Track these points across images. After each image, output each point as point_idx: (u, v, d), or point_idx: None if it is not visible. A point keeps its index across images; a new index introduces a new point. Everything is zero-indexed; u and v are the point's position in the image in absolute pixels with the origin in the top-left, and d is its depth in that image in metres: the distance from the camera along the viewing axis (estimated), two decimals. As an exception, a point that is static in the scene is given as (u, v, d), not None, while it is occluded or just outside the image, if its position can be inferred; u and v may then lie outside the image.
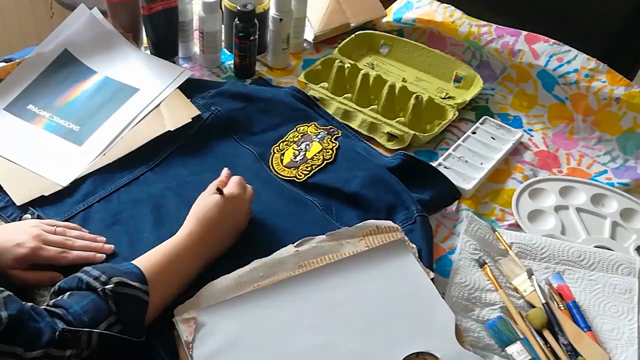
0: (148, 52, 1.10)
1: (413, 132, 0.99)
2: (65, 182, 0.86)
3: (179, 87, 1.01)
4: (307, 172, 0.91)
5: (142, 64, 1.05)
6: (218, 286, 0.71)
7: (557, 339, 0.73)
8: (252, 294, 0.71)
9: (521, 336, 0.73)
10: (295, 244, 0.76)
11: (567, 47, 1.07)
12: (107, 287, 0.62)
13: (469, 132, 1.02)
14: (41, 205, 0.83)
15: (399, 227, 0.79)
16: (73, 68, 1.03)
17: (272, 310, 0.70)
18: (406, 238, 0.78)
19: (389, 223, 0.79)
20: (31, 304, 0.59)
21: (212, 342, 0.67)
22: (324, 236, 0.76)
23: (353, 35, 1.18)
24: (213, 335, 0.67)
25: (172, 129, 0.94)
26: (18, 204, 0.82)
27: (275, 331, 0.69)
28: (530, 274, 0.79)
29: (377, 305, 0.72)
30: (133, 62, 1.05)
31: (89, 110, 0.97)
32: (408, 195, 0.85)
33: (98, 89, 1.01)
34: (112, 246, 0.77)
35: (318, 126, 0.97)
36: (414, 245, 0.78)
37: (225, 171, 0.83)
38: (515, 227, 0.89)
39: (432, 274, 0.76)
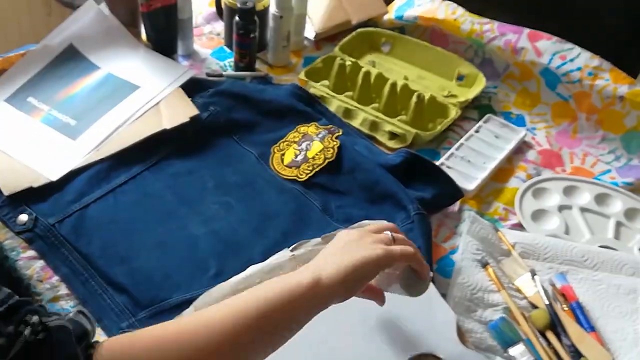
0: (148, 50, 1.09)
1: (415, 130, 0.98)
2: (55, 176, 0.86)
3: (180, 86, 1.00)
4: (308, 172, 0.90)
5: (146, 62, 1.04)
6: (215, 295, 0.70)
7: (560, 340, 0.72)
8: None
9: (524, 337, 0.72)
10: (290, 248, 0.75)
11: (570, 45, 1.06)
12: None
13: (472, 131, 1.01)
14: (37, 204, 0.83)
15: None
16: (77, 63, 1.03)
17: None
18: None
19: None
20: None
21: None
22: (319, 239, 0.76)
23: (354, 33, 1.17)
24: None
25: (168, 128, 0.93)
26: (6, 194, 0.82)
27: None
28: (533, 274, 0.79)
29: (377, 308, 0.71)
30: (137, 60, 1.05)
31: (88, 106, 0.97)
32: (406, 194, 0.85)
33: (99, 84, 1.00)
34: None
35: (318, 126, 0.96)
36: None
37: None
38: (519, 226, 0.89)
39: (430, 274, 0.75)
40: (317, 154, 0.92)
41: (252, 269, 0.73)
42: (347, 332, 0.69)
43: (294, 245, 0.75)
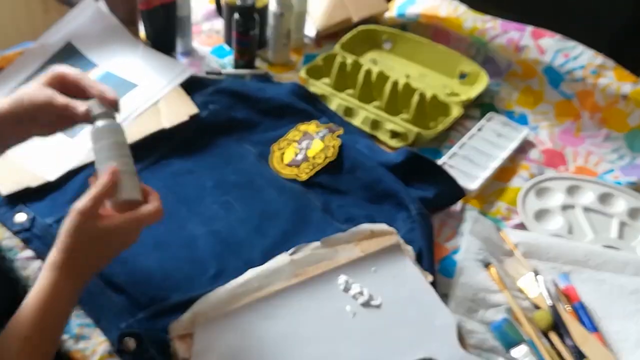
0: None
1: (417, 129, 0.97)
2: (52, 176, 0.85)
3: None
4: (309, 171, 0.89)
5: (144, 60, 1.04)
6: (213, 300, 0.69)
7: (563, 341, 0.72)
8: (248, 306, 0.69)
9: (526, 338, 0.72)
10: (289, 252, 0.74)
11: (573, 43, 1.06)
12: None
13: (474, 130, 1.01)
14: (34, 204, 0.82)
15: (395, 231, 0.78)
16: (75, 61, 1.02)
17: (270, 322, 0.68)
18: (402, 241, 0.77)
19: (384, 226, 0.78)
20: None
21: (211, 358, 0.65)
22: (318, 243, 0.75)
23: (355, 31, 1.16)
24: (211, 351, 0.65)
25: (167, 127, 0.93)
26: (4, 194, 0.81)
27: (275, 343, 0.67)
28: (536, 274, 0.78)
29: (377, 312, 0.71)
30: (136, 58, 1.04)
31: (85, 104, 0.96)
32: (408, 194, 0.84)
33: (97, 83, 1.00)
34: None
35: (319, 124, 0.96)
36: (411, 248, 0.77)
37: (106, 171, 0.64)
38: (521, 226, 0.88)
39: (430, 277, 0.75)
40: (317, 153, 0.91)
41: (250, 273, 0.72)
42: (345, 336, 0.68)
43: (292, 250, 0.74)
